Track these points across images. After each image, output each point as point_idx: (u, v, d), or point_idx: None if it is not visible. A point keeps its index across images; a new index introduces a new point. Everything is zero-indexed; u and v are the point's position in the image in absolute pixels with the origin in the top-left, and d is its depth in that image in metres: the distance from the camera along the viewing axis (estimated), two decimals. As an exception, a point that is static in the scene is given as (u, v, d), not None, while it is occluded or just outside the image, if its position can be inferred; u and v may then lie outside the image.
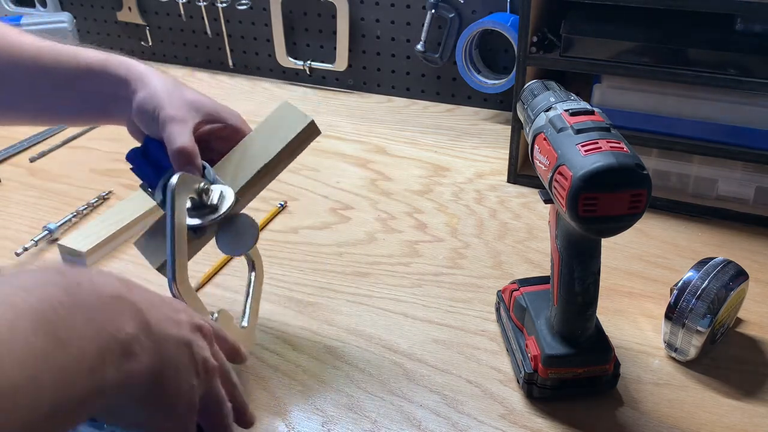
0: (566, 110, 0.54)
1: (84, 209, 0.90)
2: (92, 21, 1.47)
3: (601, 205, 0.49)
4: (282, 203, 0.92)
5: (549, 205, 0.58)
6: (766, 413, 0.59)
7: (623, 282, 0.76)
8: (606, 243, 0.56)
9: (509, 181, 0.96)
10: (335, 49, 1.25)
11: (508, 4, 1.09)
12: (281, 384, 0.64)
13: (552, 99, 0.57)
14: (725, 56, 0.78)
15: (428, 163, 1.02)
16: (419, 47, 1.16)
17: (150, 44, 1.43)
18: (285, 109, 0.64)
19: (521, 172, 0.95)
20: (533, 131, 0.57)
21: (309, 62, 1.29)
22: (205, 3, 1.31)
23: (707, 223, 0.86)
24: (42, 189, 0.97)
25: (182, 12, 1.36)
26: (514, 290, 0.66)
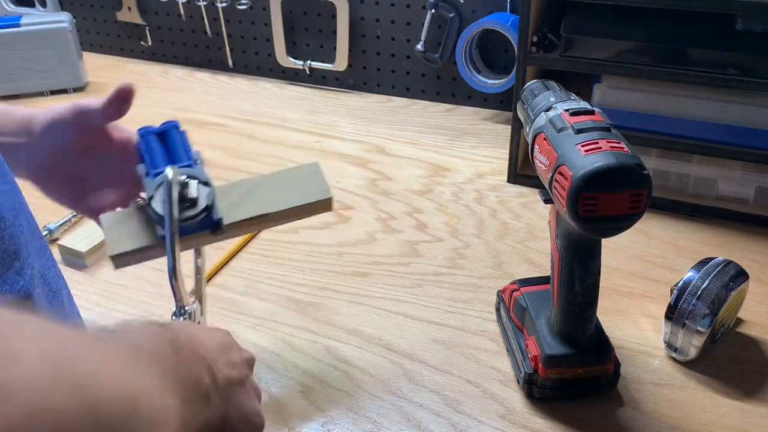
0: (566, 110, 0.54)
1: (84, 209, 0.90)
2: (92, 21, 1.47)
3: (601, 205, 0.49)
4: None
5: (549, 205, 0.58)
6: (766, 413, 0.59)
7: (623, 282, 0.76)
8: (606, 243, 0.56)
9: (509, 181, 0.96)
10: (335, 49, 1.25)
11: (508, 4, 1.09)
12: (281, 384, 0.64)
13: (552, 99, 0.57)
14: (725, 56, 0.78)
15: (428, 163, 1.02)
16: (419, 47, 1.16)
17: (150, 44, 1.44)
18: (313, 172, 0.61)
19: (521, 172, 0.95)
20: (533, 131, 0.57)
21: (309, 62, 1.29)
22: (205, 3, 1.31)
23: (707, 223, 0.86)
24: (42, 189, 0.97)
25: (182, 12, 1.36)
26: (514, 290, 0.66)
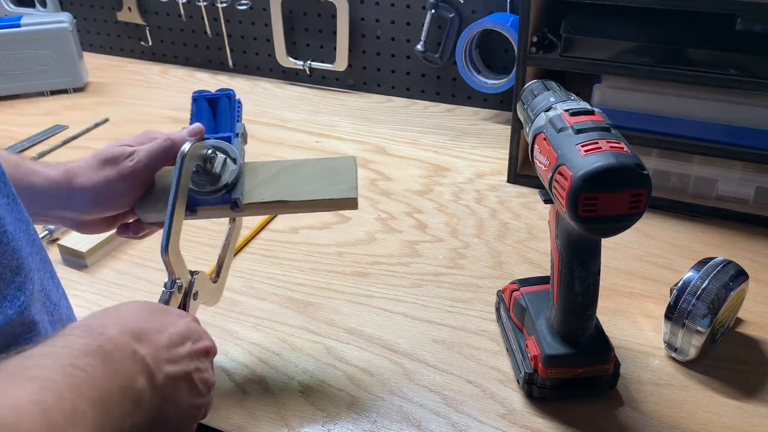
0: (566, 110, 0.54)
1: (84, 209, 0.90)
2: (92, 21, 1.47)
3: (601, 205, 0.49)
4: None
5: (549, 205, 0.58)
6: (766, 413, 0.59)
7: (623, 282, 0.76)
8: (606, 243, 0.56)
9: (509, 181, 0.96)
10: (335, 49, 1.25)
11: (508, 4, 1.09)
12: (281, 384, 0.64)
13: (552, 99, 0.57)
14: (725, 56, 0.78)
15: (428, 163, 1.02)
16: (419, 47, 1.16)
17: (150, 44, 1.44)
18: (346, 167, 0.62)
19: (521, 172, 0.95)
20: (533, 131, 0.57)
21: (309, 62, 1.29)
22: (205, 3, 1.31)
23: (707, 223, 0.86)
24: (42, 189, 0.97)
25: (182, 12, 1.36)
26: (514, 290, 0.66)
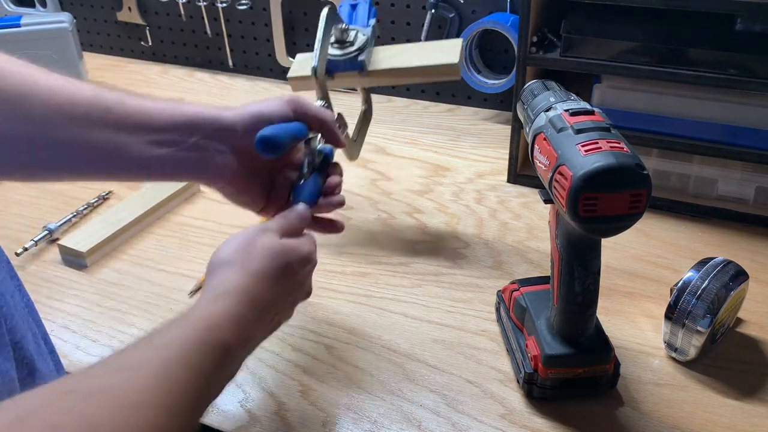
0: (566, 110, 0.54)
1: (84, 209, 0.90)
2: (92, 21, 1.47)
3: (601, 205, 0.49)
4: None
5: (549, 205, 0.58)
6: (766, 413, 0.59)
7: (623, 282, 0.76)
8: (606, 243, 0.56)
9: (509, 181, 0.96)
10: (335, 49, 1.25)
11: (508, 4, 1.09)
12: (281, 384, 0.64)
13: (552, 99, 0.57)
14: (725, 56, 0.78)
15: (428, 163, 1.02)
16: (419, 47, 1.16)
17: (150, 44, 1.44)
18: (453, 45, 0.77)
19: (521, 172, 0.95)
20: (533, 131, 0.57)
21: (309, 62, 1.29)
22: (205, 3, 1.31)
23: (707, 223, 0.86)
24: (42, 189, 0.97)
25: (182, 12, 1.36)
26: (514, 290, 0.66)
